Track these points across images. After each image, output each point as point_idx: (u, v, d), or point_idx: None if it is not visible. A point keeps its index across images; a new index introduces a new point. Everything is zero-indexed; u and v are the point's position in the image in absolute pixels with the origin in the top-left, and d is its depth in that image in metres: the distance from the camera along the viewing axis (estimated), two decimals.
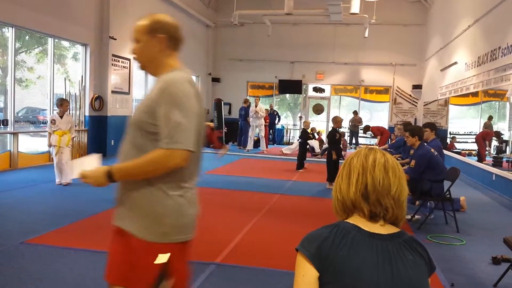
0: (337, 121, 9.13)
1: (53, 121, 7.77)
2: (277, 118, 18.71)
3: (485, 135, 12.70)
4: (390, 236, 1.35)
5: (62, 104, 7.89)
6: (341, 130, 16.06)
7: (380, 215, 1.36)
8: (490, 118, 14.26)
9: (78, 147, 11.45)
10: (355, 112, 18.59)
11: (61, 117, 7.82)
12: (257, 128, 15.72)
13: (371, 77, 18.84)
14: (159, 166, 1.91)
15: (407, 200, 1.42)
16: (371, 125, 17.52)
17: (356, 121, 18.35)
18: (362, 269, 1.27)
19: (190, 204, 2.04)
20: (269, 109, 18.38)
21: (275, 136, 19.11)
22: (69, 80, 11.48)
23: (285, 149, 15.38)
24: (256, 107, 15.60)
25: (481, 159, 11.71)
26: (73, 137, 8.07)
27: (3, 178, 8.19)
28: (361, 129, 18.19)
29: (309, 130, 11.10)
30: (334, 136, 8.85)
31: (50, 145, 7.85)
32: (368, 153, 1.42)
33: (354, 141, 18.39)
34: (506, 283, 4.02)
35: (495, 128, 13.49)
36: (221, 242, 4.90)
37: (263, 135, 15.80)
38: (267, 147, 15.97)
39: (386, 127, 18.96)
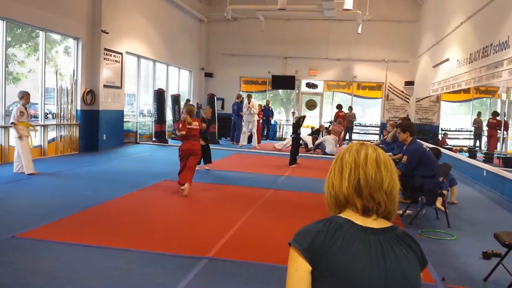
0: (206, 111, 10.01)
1: (22, 113, 7.91)
2: (271, 114, 18.75)
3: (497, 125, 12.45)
4: (382, 230, 1.35)
5: (24, 96, 8.01)
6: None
7: (373, 209, 1.36)
8: (479, 114, 14.34)
9: (70, 142, 11.38)
10: (350, 108, 18.66)
11: (26, 109, 8.02)
12: (250, 124, 15.70)
13: (364, 73, 18.88)
14: None
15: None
16: (361, 121, 17.81)
17: (351, 117, 18.42)
18: (354, 263, 1.28)
19: None
20: (265, 104, 18.41)
21: (269, 131, 19.10)
22: (60, 74, 11.39)
23: (278, 144, 15.41)
24: (249, 103, 15.56)
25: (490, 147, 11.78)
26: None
27: None
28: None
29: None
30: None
31: (21, 136, 7.93)
32: (360, 148, 1.42)
33: (348, 136, 18.45)
34: (496, 278, 4.06)
35: (485, 125, 13.57)
36: (214, 237, 4.91)
37: (255, 131, 15.79)
38: (259, 143, 15.97)
39: (379, 123, 19.09)
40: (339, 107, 18.19)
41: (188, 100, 17.10)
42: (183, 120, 7.51)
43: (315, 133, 15.96)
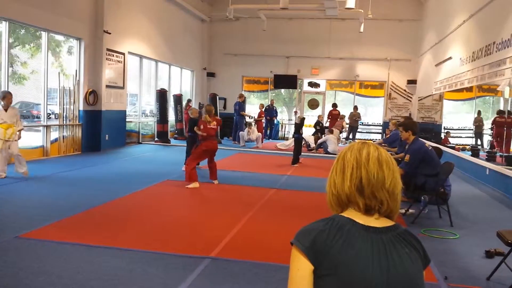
0: (193, 111, 9.89)
1: None
2: (274, 113, 18.81)
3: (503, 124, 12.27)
4: (385, 229, 1.35)
5: (5, 97, 7.67)
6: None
7: (375, 208, 1.36)
8: (479, 113, 14.32)
9: (73, 142, 11.41)
10: (355, 108, 18.64)
11: (6, 110, 7.64)
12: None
13: (366, 72, 18.86)
14: None
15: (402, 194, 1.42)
16: (363, 120, 17.92)
17: (356, 116, 18.42)
18: (357, 262, 1.27)
19: None
20: (269, 104, 18.42)
21: (272, 131, 19.09)
22: (64, 74, 11.41)
23: (280, 144, 15.40)
24: (250, 129, 15.62)
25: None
26: (19, 130, 7.83)
27: None
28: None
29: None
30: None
31: None
32: (362, 147, 1.42)
33: (351, 136, 18.44)
34: (499, 277, 4.05)
35: (488, 124, 13.53)
36: (216, 236, 4.91)
37: (260, 133, 15.84)
38: (262, 142, 15.96)
39: (381, 122, 19.06)
40: (334, 105, 18.31)
41: (189, 100, 17.11)
42: (204, 120, 7.95)
43: (317, 125, 16.06)
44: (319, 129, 16.13)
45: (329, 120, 18.30)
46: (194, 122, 9.09)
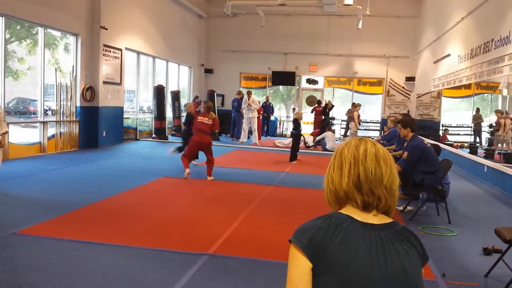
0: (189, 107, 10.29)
1: None
2: (271, 110, 18.72)
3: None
4: (383, 226, 1.35)
5: None
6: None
7: (373, 204, 1.36)
8: (478, 110, 14.35)
9: (70, 138, 11.37)
10: (353, 104, 18.60)
11: None
12: (250, 120, 15.62)
13: (365, 69, 18.84)
14: None
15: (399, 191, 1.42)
16: (361, 117, 17.97)
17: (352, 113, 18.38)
18: (355, 260, 1.27)
19: None
20: (265, 101, 18.37)
21: (269, 128, 19.06)
22: (60, 70, 11.36)
23: (278, 142, 15.38)
24: (249, 99, 15.47)
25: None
26: (3, 133, 6.44)
27: None
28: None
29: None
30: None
31: None
32: (359, 144, 1.41)
33: (349, 133, 18.42)
34: (497, 274, 4.05)
35: (487, 121, 13.55)
36: (214, 233, 4.90)
37: (255, 127, 15.76)
38: (259, 139, 15.94)
39: (379, 119, 19.06)
40: (319, 102, 17.90)
41: (197, 97, 17.11)
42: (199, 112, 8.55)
43: (324, 110, 16.09)
44: (328, 112, 16.17)
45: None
46: (190, 116, 9.63)
